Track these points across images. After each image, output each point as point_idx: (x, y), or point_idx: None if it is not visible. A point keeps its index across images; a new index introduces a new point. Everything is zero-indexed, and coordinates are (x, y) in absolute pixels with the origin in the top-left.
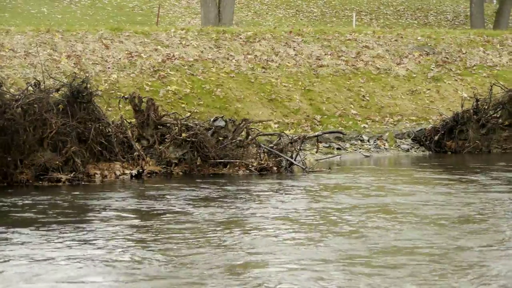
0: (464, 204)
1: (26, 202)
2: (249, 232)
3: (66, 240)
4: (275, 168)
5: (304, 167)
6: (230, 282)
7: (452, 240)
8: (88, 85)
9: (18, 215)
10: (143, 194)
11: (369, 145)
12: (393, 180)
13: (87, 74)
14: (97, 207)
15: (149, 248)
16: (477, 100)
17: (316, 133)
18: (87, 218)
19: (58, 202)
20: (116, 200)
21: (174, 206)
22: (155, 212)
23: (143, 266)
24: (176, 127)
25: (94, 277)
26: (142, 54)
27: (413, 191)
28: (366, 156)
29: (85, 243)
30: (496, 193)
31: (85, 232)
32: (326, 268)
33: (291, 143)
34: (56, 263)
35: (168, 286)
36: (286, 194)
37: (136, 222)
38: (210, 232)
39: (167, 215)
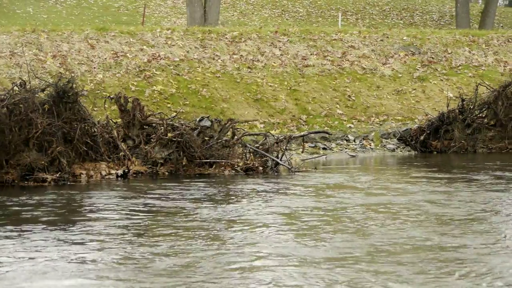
0: (456, 202)
1: (13, 201)
2: (246, 230)
3: (65, 239)
4: (261, 168)
5: (290, 167)
6: (231, 281)
7: (451, 238)
8: (74, 85)
9: (6, 215)
10: (132, 194)
11: (355, 145)
12: (383, 179)
13: (72, 74)
14: (89, 206)
15: (148, 247)
16: (463, 100)
17: (302, 133)
18: (80, 217)
19: (47, 202)
20: (106, 200)
21: (167, 205)
22: (149, 211)
23: (145, 264)
24: (162, 127)
25: (95, 277)
26: (127, 54)
27: (404, 190)
28: (352, 156)
29: (82, 243)
30: (490, 192)
31: (80, 232)
32: (330, 266)
33: (277, 143)
34: (58, 262)
35: (172, 284)
36: (277, 193)
37: (131, 221)
38: (207, 231)
39: (163, 213)
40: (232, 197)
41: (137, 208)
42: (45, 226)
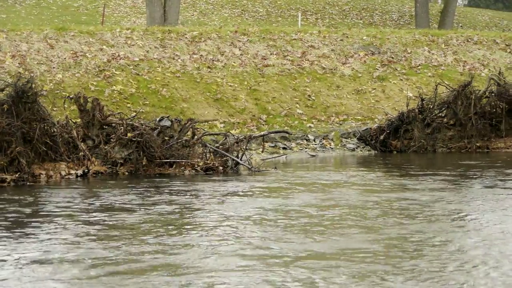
0: (419, 200)
1: None
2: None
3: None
4: (221, 168)
5: (250, 167)
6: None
7: (413, 233)
8: (33, 85)
9: None
10: (97, 193)
11: (315, 144)
12: (346, 177)
13: (32, 74)
14: (53, 207)
15: (114, 245)
16: (422, 100)
17: (262, 133)
18: (44, 217)
19: (6, 203)
20: (67, 199)
21: (128, 204)
22: (112, 209)
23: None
24: (122, 127)
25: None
26: (87, 54)
27: (366, 186)
28: (312, 156)
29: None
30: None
31: (39, 231)
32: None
33: (237, 142)
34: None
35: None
36: (237, 194)
37: (97, 219)
38: (192, 228)
39: (128, 212)
40: (201, 197)
41: (100, 206)
42: (5, 226)
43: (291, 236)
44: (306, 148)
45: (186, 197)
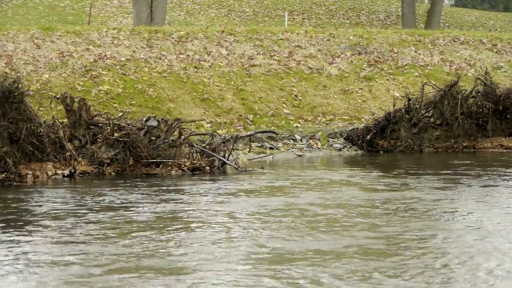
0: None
1: None
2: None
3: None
4: (208, 168)
5: (237, 167)
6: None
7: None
8: (20, 85)
9: None
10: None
11: (302, 144)
12: (339, 177)
13: (18, 74)
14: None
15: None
16: (409, 100)
17: (249, 133)
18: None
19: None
20: (60, 199)
21: (122, 203)
22: (102, 208)
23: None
24: (108, 127)
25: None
26: (73, 54)
27: (363, 186)
28: (299, 156)
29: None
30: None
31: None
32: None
33: (224, 142)
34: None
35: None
36: (226, 193)
37: (94, 218)
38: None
39: (122, 210)
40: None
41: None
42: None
43: (293, 234)
44: (293, 148)
45: (184, 196)
